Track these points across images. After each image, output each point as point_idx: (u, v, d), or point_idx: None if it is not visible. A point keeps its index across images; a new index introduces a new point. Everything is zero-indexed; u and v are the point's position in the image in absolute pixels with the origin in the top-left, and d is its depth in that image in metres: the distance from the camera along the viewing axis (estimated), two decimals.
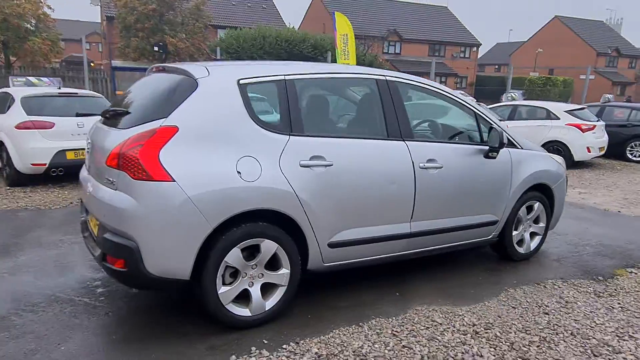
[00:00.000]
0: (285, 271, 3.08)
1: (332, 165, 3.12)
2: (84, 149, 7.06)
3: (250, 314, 3.01)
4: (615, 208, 6.94)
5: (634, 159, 11.97)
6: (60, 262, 4.14)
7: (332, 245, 3.22)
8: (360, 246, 3.36)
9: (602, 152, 10.95)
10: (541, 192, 4.40)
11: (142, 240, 2.65)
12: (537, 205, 4.40)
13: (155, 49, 13.97)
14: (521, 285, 3.89)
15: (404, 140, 3.49)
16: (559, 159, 4.71)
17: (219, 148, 2.81)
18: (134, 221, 2.66)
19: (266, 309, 3.06)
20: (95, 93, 8.00)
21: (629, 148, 12.08)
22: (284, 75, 3.12)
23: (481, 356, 2.82)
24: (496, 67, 58.65)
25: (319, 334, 3.00)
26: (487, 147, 3.88)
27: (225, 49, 21.80)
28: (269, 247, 2.98)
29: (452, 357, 2.80)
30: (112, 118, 3.16)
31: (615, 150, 11.81)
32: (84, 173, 3.44)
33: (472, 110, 3.97)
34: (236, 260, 2.90)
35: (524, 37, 54.37)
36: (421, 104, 5.71)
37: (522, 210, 4.31)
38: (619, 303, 3.64)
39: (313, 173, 3.05)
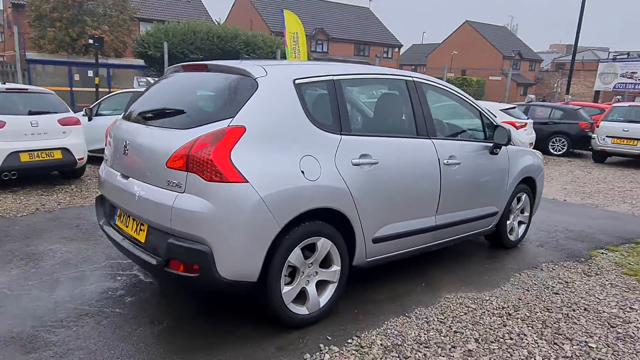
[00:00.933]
0: (336, 268, 3.14)
1: (377, 163, 3.23)
2: (41, 149, 6.69)
3: (307, 312, 3.04)
4: (561, 197, 7.75)
5: (555, 153, 13.33)
6: (64, 273, 3.82)
7: (375, 241, 3.33)
8: (397, 240, 3.50)
9: (531, 148, 12.08)
10: (527, 184, 4.84)
11: (216, 244, 2.58)
12: (524, 196, 4.85)
13: (90, 41, 12.89)
14: (524, 270, 4.28)
15: (430, 139, 3.69)
16: (539, 153, 5.20)
17: (282, 147, 2.80)
18: (208, 224, 2.58)
19: (320, 307, 3.10)
20: (46, 89, 7.33)
21: (550, 143, 13.42)
22: (333, 75, 3.18)
23: (525, 335, 3.10)
24: (413, 67, 61.59)
25: (374, 327, 3.10)
26: (491, 144, 4.21)
27: (153, 43, 20.76)
28: (324, 245, 3.03)
29: (502, 338, 3.05)
30: (156, 118, 3.01)
31: (539, 146, 13.06)
32: (112, 174, 3.24)
33: (478, 110, 4.28)
34: (297, 260, 2.91)
35: (437, 39, 57.56)
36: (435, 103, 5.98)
37: (514, 201, 4.72)
38: (607, 280, 4.14)
39: (362, 171, 3.15)
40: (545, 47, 59.62)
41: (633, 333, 3.20)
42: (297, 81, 2.97)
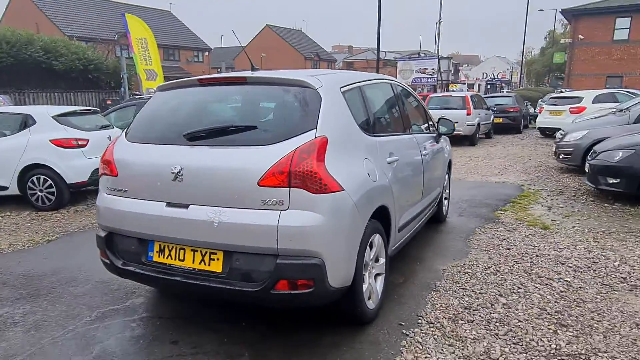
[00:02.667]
0: (383, 260, 3.38)
1: (398, 159, 3.57)
2: None
3: (374, 306, 3.21)
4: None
5: None
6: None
7: (399, 230, 3.68)
8: (407, 227, 3.91)
9: None
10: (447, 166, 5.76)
11: (327, 255, 2.58)
12: (446, 176, 5.75)
13: None
14: (470, 236, 5.13)
15: (412, 134, 4.19)
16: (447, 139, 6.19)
17: (350, 153, 2.92)
18: (319, 237, 2.56)
19: (378, 299, 3.31)
20: None
21: None
22: (359, 82, 3.38)
23: (522, 283, 3.85)
24: (219, 70, 61.48)
25: (423, 305, 3.46)
26: (435, 134, 4.93)
27: None
28: (379, 240, 3.25)
29: (509, 289, 3.73)
30: (216, 137, 2.76)
31: None
32: (146, 206, 2.84)
33: (422, 106, 4.95)
34: (367, 257, 3.07)
35: (236, 43, 58.74)
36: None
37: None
38: (525, 232, 5.28)
39: (392, 168, 3.45)
40: (327, 48, 67.35)
41: (580, 264, 4.26)
42: (342, 89, 3.09)
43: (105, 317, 3.36)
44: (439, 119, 4.99)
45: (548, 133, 16.34)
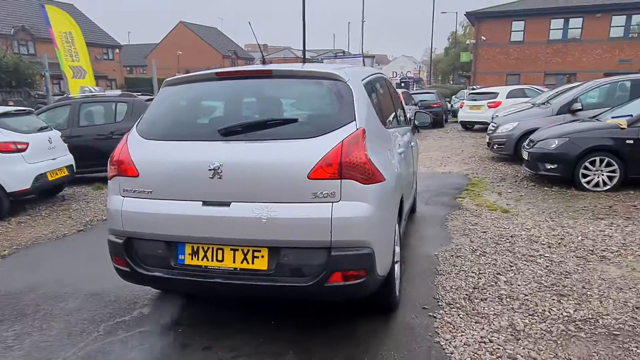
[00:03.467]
0: (398, 248, 3.50)
1: (404, 151, 3.71)
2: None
3: (397, 293, 3.31)
4: None
5: None
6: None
7: (404, 219, 3.82)
8: (405, 216, 4.06)
9: None
10: None
11: (376, 244, 2.63)
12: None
13: None
14: (444, 224, 5.43)
15: (404, 126, 4.36)
16: None
17: (379, 144, 2.98)
18: (370, 227, 2.59)
19: (398, 285, 3.41)
20: None
21: None
22: (370, 75, 3.45)
23: (511, 262, 4.17)
24: (128, 69, 58.30)
25: (434, 288, 3.62)
26: (412, 126, 5.16)
27: None
28: (397, 228, 3.35)
29: (503, 268, 4.03)
30: (256, 130, 2.67)
31: None
32: (178, 206, 2.68)
33: (400, 102, 5.14)
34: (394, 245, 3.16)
35: (144, 40, 55.97)
36: None
37: None
38: (490, 216, 5.70)
39: (401, 158, 3.57)
40: (241, 47, 67.08)
41: (551, 241, 4.70)
42: (363, 82, 3.14)
43: (116, 330, 3.11)
44: (415, 112, 5.22)
45: (468, 127, 17.60)
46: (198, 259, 2.73)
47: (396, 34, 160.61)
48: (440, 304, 3.37)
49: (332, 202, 2.54)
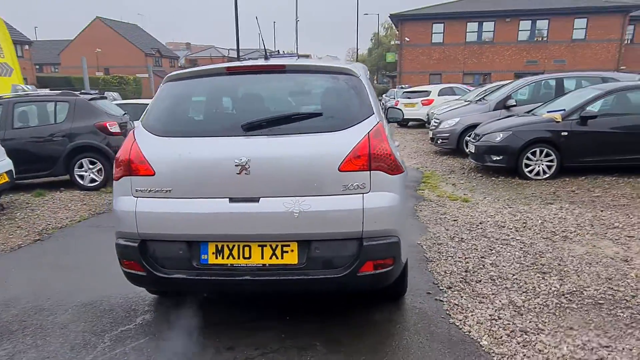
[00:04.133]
0: None
1: (398, 144, 3.84)
2: None
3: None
4: None
5: None
6: None
7: None
8: None
9: None
10: None
11: (401, 232, 2.72)
12: None
13: None
14: (420, 211, 5.68)
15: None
16: None
17: (390, 136, 3.07)
18: (397, 216, 2.68)
19: None
20: None
21: None
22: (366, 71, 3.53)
23: (493, 247, 4.47)
24: (37, 67, 53.88)
25: (431, 274, 3.80)
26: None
27: None
28: None
29: (489, 251, 4.32)
30: (280, 124, 2.64)
31: None
32: (203, 205, 2.59)
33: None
34: None
35: (59, 36, 52.40)
36: None
37: None
38: (454, 206, 6.04)
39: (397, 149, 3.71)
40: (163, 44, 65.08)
41: (517, 225, 5.09)
42: (367, 77, 3.22)
43: (124, 340, 2.94)
44: (388, 107, 5.39)
45: (403, 123, 18.34)
46: (223, 258, 2.66)
47: (318, 34, 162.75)
48: (441, 288, 3.55)
49: (363, 194, 2.60)
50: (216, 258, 2.67)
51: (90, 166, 7.70)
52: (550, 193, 6.58)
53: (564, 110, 7.64)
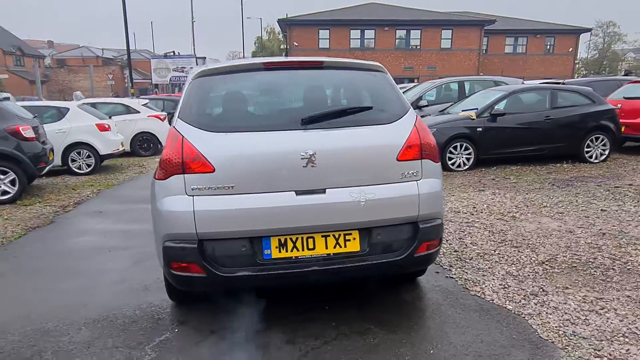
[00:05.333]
0: None
1: None
2: None
3: None
4: None
5: None
6: None
7: None
8: None
9: None
10: None
11: (442, 215, 2.99)
12: None
13: None
14: None
15: None
16: None
17: None
18: (440, 200, 2.93)
19: None
20: None
21: None
22: None
23: (465, 229, 4.98)
24: None
25: None
26: None
27: None
28: None
29: (462, 232, 4.80)
30: (335, 118, 2.71)
31: None
32: (268, 199, 2.58)
33: None
34: None
35: None
36: None
37: None
38: None
39: None
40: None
41: (473, 210, 5.69)
42: None
43: (170, 348, 2.77)
44: None
45: None
46: (287, 251, 2.67)
47: (197, 36, 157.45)
48: (444, 267, 3.90)
49: (417, 180, 2.82)
50: (280, 252, 2.67)
51: (1, 176, 6.74)
52: (476, 182, 7.43)
53: (477, 108, 8.65)
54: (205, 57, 31.40)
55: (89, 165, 9.32)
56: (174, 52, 27.67)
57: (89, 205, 6.65)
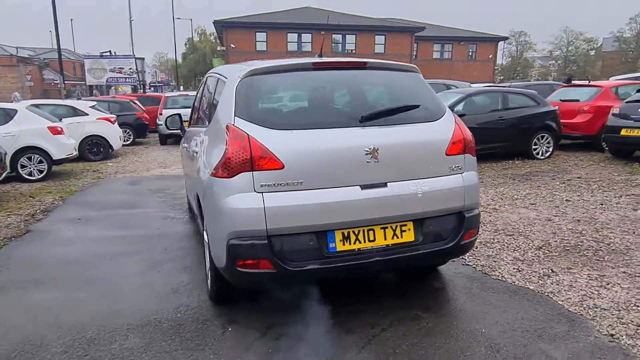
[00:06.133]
0: None
1: None
2: None
3: None
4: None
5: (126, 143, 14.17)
6: None
7: None
8: None
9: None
10: None
11: (479, 205, 3.22)
12: None
13: None
14: None
15: None
16: None
17: None
18: (479, 190, 3.17)
19: None
20: None
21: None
22: None
23: None
24: None
25: None
26: None
27: None
28: None
29: None
30: (389, 115, 2.86)
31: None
32: (336, 193, 2.67)
33: None
34: None
35: None
36: None
37: None
38: None
39: None
40: None
41: None
42: None
43: (232, 348, 2.77)
44: None
45: None
46: (350, 244, 2.77)
47: (122, 35, 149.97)
48: (505, 257, 4.13)
49: (461, 173, 3.04)
50: (343, 245, 2.76)
51: None
52: None
53: None
54: (144, 58, 30.05)
55: (40, 171, 8.69)
56: (110, 51, 26.25)
57: (61, 212, 6.24)
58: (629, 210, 5.54)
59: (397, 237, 2.87)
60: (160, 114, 13.87)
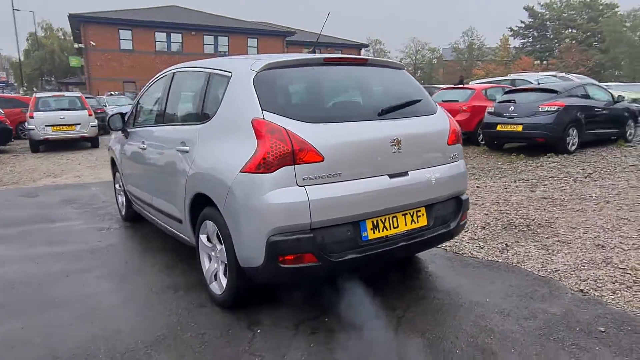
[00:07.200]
0: None
1: None
2: None
3: None
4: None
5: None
6: None
7: None
8: None
9: None
10: None
11: (466, 189, 3.58)
12: None
13: None
14: None
15: None
16: None
17: None
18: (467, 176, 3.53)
19: None
20: None
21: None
22: None
23: None
24: None
25: None
26: None
27: None
28: None
29: None
30: (401, 108, 3.04)
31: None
32: (368, 184, 2.78)
33: None
34: None
35: None
36: None
37: None
38: None
39: None
40: None
41: None
42: None
43: (269, 350, 2.70)
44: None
45: None
46: (379, 231, 2.90)
47: None
48: (456, 242, 4.47)
49: (457, 162, 3.36)
50: (374, 233, 2.88)
51: None
52: None
53: None
54: None
55: None
56: None
57: None
58: (529, 192, 6.52)
59: (415, 222, 3.08)
60: (31, 117, 12.16)
